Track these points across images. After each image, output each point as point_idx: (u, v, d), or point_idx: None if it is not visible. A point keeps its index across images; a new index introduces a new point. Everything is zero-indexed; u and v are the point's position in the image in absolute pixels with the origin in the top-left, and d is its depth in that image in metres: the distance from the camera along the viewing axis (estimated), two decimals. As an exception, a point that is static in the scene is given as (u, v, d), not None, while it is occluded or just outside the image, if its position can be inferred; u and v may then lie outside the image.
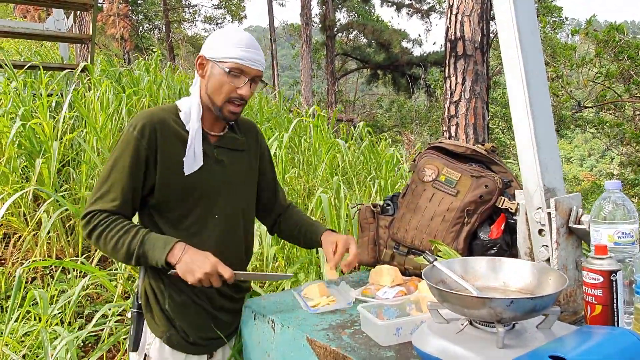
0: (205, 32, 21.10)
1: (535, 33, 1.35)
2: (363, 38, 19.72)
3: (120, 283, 2.25)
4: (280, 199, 1.68)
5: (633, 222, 1.11)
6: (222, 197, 1.44)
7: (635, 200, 9.25)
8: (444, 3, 13.41)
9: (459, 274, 1.10)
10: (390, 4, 19.59)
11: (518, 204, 1.38)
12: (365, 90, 22.11)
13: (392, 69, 18.43)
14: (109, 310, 2.04)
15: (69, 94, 3.53)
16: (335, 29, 18.30)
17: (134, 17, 18.31)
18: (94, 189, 1.35)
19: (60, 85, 4.21)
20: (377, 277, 1.56)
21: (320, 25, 18.06)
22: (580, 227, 1.27)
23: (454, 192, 1.60)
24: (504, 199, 1.54)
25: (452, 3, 3.83)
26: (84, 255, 2.59)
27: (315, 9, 19.19)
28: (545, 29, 10.76)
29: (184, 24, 20.87)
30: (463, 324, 0.99)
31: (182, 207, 1.39)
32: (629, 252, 1.11)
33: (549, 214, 1.27)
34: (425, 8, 19.56)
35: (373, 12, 20.63)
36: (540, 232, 1.30)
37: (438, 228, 1.60)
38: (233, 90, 1.38)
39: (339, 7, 19.93)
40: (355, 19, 19.56)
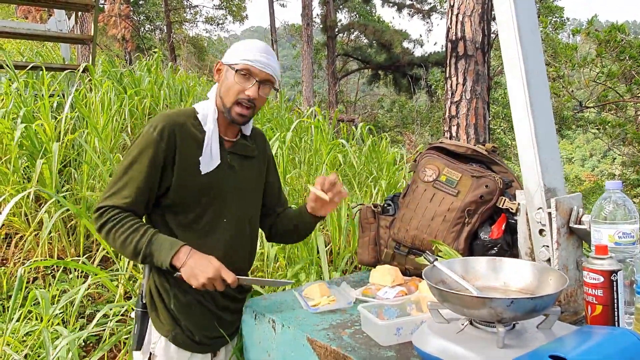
0: (207, 32, 21.16)
1: (536, 32, 1.35)
2: (364, 38, 19.72)
3: (122, 283, 2.25)
4: (283, 206, 1.69)
5: (634, 222, 1.11)
6: (232, 201, 1.46)
7: (637, 201, 9.23)
8: (445, 3, 13.40)
9: (460, 274, 1.10)
10: (392, 5, 19.58)
11: (519, 204, 1.38)
12: (367, 91, 22.09)
13: (393, 70, 18.41)
14: (111, 310, 2.04)
15: (71, 95, 3.54)
16: (337, 30, 18.29)
17: (135, 17, 18.34)
18: (109, 185, 1.37)
19: (62, 86, 4.22)
20: (377, 277, 1.56)
21: (322, 26, 18.06)
22: (581, 227, 1.27)
23: (455, 192, 1.60)
24: (505, 199, 1.54)
25: (453, 3, 3.83)
26: (85, 255, 2.60)
27: (317, 10, 19.21)
28: (547, 29, 10.75)
29: (185, 25, 20.92)
30: (463, 324, 0.99)
31: (194, 209, 1.41)
32: (630, 252, 1.11)
33: (550, 214, 1.27)
34: (427, 8, 19.54)
35: (374, 12, 20.61)
36: (541, 232, 1.30)
37: (439, 228, 1.60)
38: (241, 91, 1.39)
39: (340, 7, 19.93)
40: (357, 20, 19.55)
